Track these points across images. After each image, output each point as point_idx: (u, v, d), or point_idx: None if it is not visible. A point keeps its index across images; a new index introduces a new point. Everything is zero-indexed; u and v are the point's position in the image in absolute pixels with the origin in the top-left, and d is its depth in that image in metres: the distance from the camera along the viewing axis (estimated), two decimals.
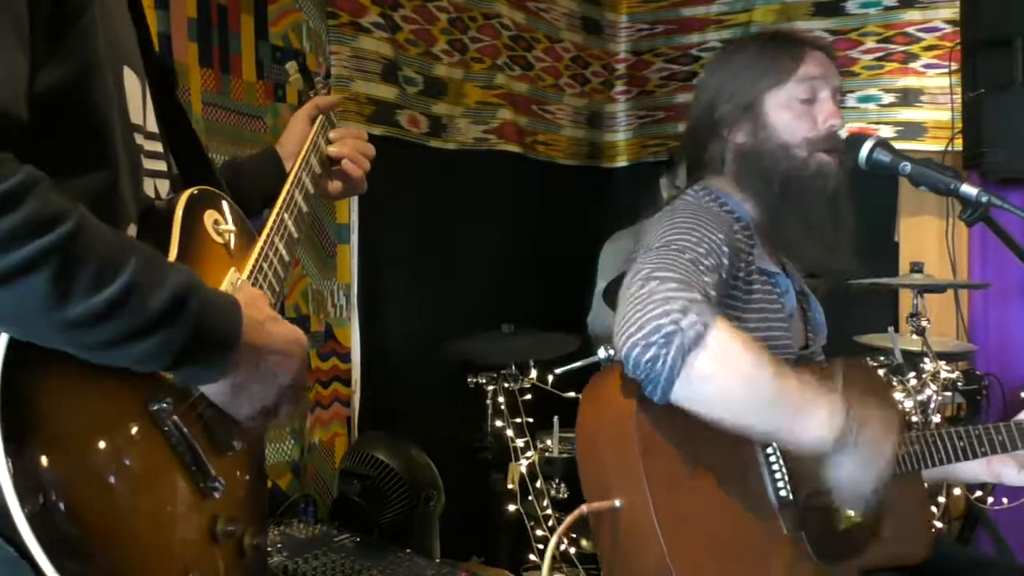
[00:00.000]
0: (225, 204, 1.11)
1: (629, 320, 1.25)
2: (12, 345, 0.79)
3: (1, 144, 0.79)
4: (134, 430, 0.87)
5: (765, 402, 1.26)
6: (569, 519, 1.38)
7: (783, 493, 1.38)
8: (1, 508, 0.75)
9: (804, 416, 1.26)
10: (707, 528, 1.32)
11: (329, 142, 1.48)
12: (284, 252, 1.17)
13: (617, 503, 1.33)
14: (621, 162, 4.13)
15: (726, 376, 1.24)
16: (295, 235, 1.22)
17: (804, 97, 1.57)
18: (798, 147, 1.55)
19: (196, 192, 1.05)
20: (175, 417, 0.90)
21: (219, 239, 1.06)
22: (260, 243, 1.13)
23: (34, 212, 0.78)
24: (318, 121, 1.47)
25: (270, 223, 1.17)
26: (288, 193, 1.26)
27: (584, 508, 1.36)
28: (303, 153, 1.37)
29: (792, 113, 1.57)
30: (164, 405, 0.89)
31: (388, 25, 3.06)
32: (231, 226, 1.08)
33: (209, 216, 1.06)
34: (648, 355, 1.22)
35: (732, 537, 1.33)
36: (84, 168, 0.92)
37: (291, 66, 1.64)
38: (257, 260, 1.10)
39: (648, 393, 1.26)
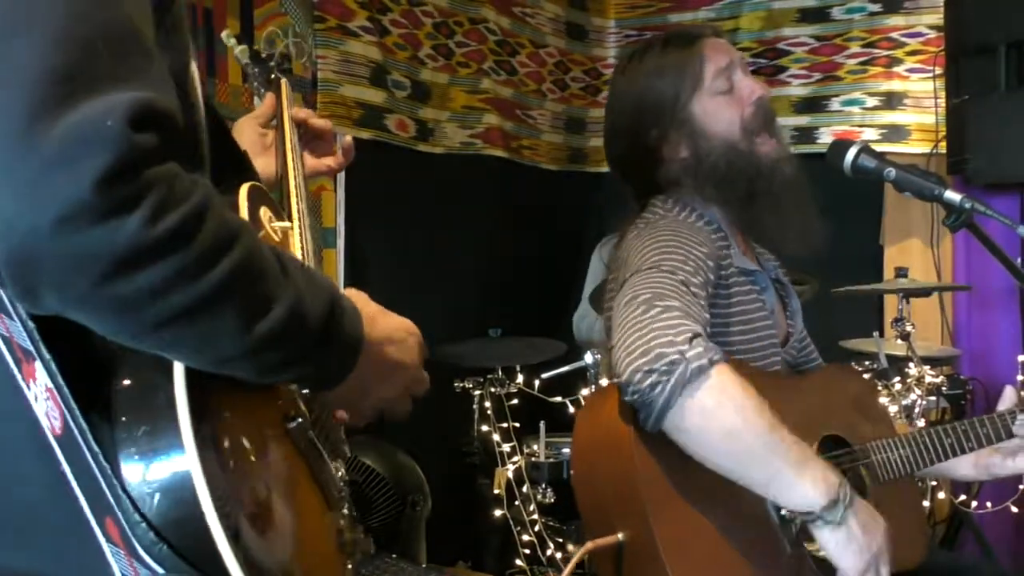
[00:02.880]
0: (270, 198, 1.07)
1: (633, 345, 1.24)
2: (189, 375, 0.74)
3: (168, 153, 0.70)
4: (282, 451, 0.84)
5: (760, 447, 1.23)
6: (576, 558, 1.36)
7: (784, 511, 1.38)
8: (210, 552, 0.71)
9: (799, 471, 1.23)
10: (711, 551, 1.31)
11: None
12: (311, 243, 1.14)
13: (620, 536, 1.31)
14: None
15: (723, 416, 1.23)
16: (311, 223, 1.19)
17: (724, 89, 1.56)
18: (740, 140, 1.55)
19: (251, 188, 1.00)
20: (310, 433, 0.88)
21: (275, 237, 1.02)
22: (297, 237, 1.10)
23: (216, 232, 0.71)
24: (285, 92, 1.35)
25: (295, 215, 1.14)
26: (296, 182, 1.21)
27: (590, 545, 1.34)
28: (289, 138, 1.30)
29: (720, 107, 1.56)
30: (300, 422, 0.86)
31: (376, 29, 3.06)
32: (283, 222, 1.05)
33: (264, 213, 1.02)
34: (649, 380, 1.21)
35: (736, 559, 1.32)
36: (191, 170, 0.85)
37: (226, 35, 1.49)
38: (302, 256, 1.08)
39: (642, 419, 1.26)
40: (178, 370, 0.73)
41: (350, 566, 0.95)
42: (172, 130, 0.72)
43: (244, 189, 0.98)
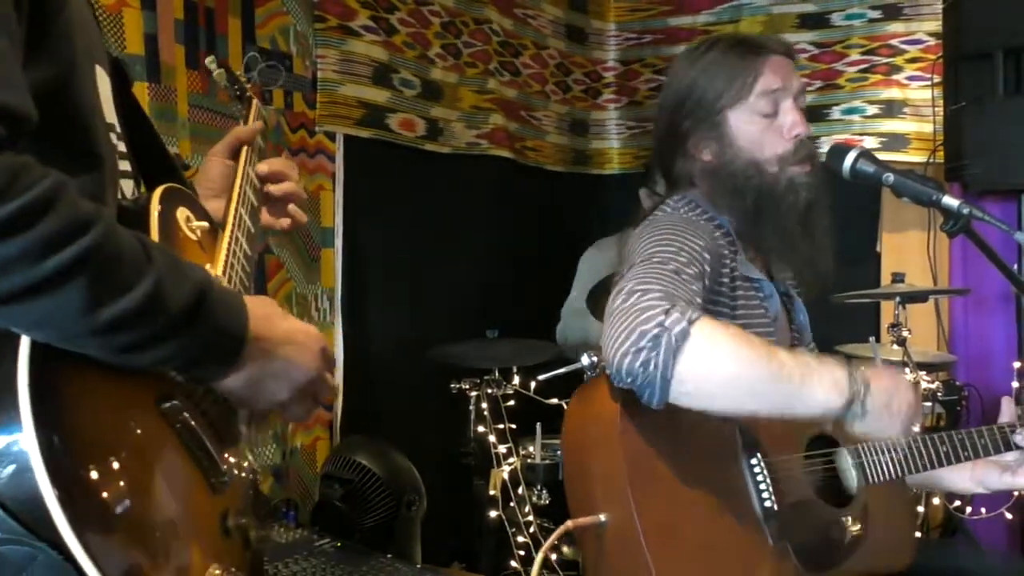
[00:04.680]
0: (193, 200, 1.11)
1: (616, 333, 1.26)
2: (34, 350, 0.79)
3: (21, 147, 0.78)
4: (150, 430, 0.87)
5: (765, 382, 1.26)
6: (554, 535, 1.37)
7: (768, 504, 1.39)
8: (44, 517, 0.75)
9: (808, 385, 1.26)
10: (693, 541, 1.32)
11: (261, 177, 1.35)
12: (247, 247, 1.17)
13: (603, 518, 1.32)
14: (612, 169, 4.14)
15: (720, 366, 1.25)
16: (252, 231, 1.22)
17: (767, 112, 1.55)
18: (768, 163, 1.55)
19: (166, 190, 1.05)
20: (185, 414, 0.91)
21: (192, 236, 1.06)
22: (226, 239, 1.13)
23: (65, 218, 0.77)
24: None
25: (231, 219, 1.17)
26: (240, 189, 1.25)
27: (570, 524, 1.36)
28: (245, 151, 1.31)
29: (756, 128, 1.55)
30: (175, 403, 0.90)
31: (382, 28, 3.06)
32: (202, 223, 1.08)
33: (181, 213, 1.06)
34: (639, 360, 1.22)
35: (718, 549, 1.33)
36: (73, 172, 0.90)
37: (210, 60, 1.53)
38: (227, 256, 1.10)
39: (645, 399, 1.26)
40: (24, 345, 0.79)
41: (246, 553, 0.98)
42: (19, 127, 0.79)
43: (159, 190, 1.04)
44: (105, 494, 0.79)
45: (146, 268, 0.83)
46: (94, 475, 0.78)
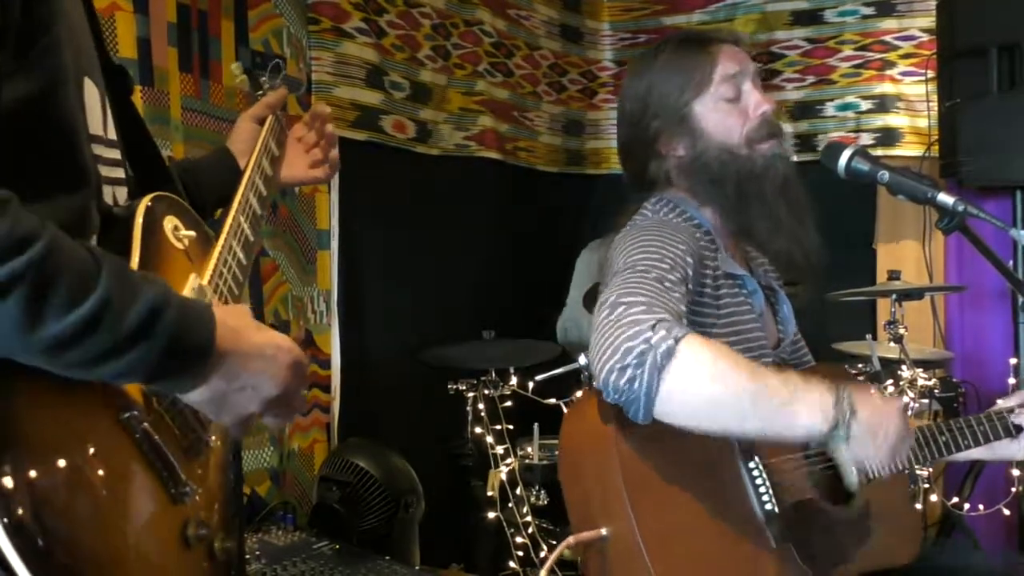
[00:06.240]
0: (183, 209, 1.11)
1: (602, 347, 1.26)
2: None
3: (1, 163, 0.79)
4: (106, 440, 0.87)
5: (747, 402, 1.25)
6: (557, 550, 1.38)
7: (768, 507, 1.39)
8: None
9: (791, 407, 1.25)
10: (695, 549, 1.32)
11: (280, 144, 1.48)
12: (242, 256, 1.16)
13: (604, 531, 1.32)
14: (608, 169, 4.14)
15: (703, 385, 1.24)
16: (251, 239, 1.22)
17: (730, 96, 1.58)
18: (738, 146, 1.57)
19: (155, 198, 1.05)
20: (145, 425, 0.90)
21: (179, 245, 1.06)
22: (218, 248, 1.12)
23: (3, 234, 0.77)
24: (268, 121, 1.45)
25: (227, 227, 1.16)
26: (243, 196, 1.25)
27: (571, 539, 1.36)
28: (255, 156, 1.36)
29: (722, 113, 1.57)
30: (135, 413, 0.89)
31: (373, 30, 3.06)
32: (190, 231, 1.08)
33: (168, 222, 1.05)
34: (625, 377, 1.22)
35: (721, 556, 1.33)
36: (54, 184, 0.91)
37: (236, 67, 1.57)
38: (216, 265, 1.10)
39: (631, 415, 1.26)
40: None
41: (209, 563, 0.98)
42: None
43: (147, 198, 1.04)
44: (46, 506, 0.78)
45: (94, 284, 0.82)
46: (36, 486, 0.78)
